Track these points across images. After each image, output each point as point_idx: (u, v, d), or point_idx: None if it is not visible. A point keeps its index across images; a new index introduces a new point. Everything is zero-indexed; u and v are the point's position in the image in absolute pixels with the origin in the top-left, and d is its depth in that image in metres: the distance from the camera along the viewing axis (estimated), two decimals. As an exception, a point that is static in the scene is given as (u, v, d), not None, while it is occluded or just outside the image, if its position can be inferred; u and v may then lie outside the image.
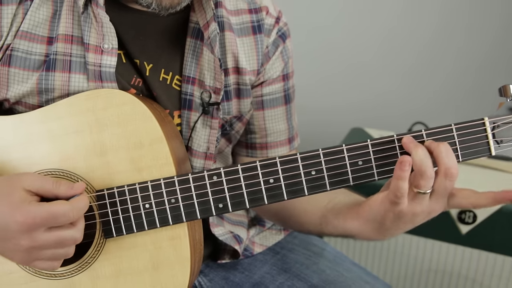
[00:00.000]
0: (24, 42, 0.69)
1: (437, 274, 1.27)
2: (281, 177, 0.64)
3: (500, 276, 1.19)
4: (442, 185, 0.59)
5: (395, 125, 1.62)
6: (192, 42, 0.75)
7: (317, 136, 1.62)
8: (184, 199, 0.65)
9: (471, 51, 1.65)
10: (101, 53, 0.69)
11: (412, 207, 0.60)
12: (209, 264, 0.86)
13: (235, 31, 0.78)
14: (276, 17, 0.81)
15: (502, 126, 0.65)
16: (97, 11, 0.67)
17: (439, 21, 1.65)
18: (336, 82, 1.80)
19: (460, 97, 1.70)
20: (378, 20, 1.70)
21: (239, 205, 0.65)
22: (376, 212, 0.64)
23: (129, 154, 0.66)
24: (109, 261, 0.67)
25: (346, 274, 0.84)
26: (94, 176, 0.66)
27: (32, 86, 0.69)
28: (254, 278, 0.84)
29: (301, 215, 0.78)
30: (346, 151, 0.64)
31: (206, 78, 0.75)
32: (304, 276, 0.83)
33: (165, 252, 0.66)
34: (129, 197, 0.65)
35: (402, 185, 0.58)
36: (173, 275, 0.66)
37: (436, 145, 0.59)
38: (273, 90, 0.82)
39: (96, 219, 0.66)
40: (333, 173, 0.64)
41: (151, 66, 0.73)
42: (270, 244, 0.90)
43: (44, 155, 0.67)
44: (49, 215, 0.58)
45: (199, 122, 0.76)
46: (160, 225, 0.65)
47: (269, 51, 0.80)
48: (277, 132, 0.84)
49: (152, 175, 0.66)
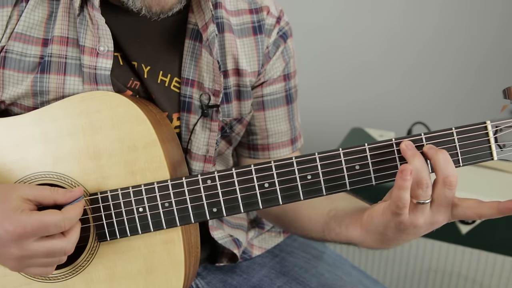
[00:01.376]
0: (18, 44, 0.68)
1: (437, 274, 1.26)
2: (276, 181, 0.63)
3: (500, 276, 1.19)
4: (441, 194, 0.57)
5: (395, 125, 1.61)
6: (190, 44, 0.74)
7: (317, 136, 1.63)
8: (178, 203, 0.64)
9: (471, 51, 1.64)
10: (97, 55, 0.68)
11: (413, 218, 0.58)
12: (207, 267, 0.86)
13: (236, 31, 0.76)
14: (277, 17, 0.80)
15: (505, 130, 0.63)
16: (93, 13, 0.67)
17: (439, 21, 1.65)
18: (336, 82, 1.79)
19: (460, 97, 1.69)
20: (378, 20, 1.70)
21: (234, 209, 0.64)
22: (377, 223, 0.62)
23: (123, 157, 0.65)
24: (103, 264, 0.66)
25: (346, 278, 0.83)
26: (88, 179, 0.66)
27: (27, 88, 0.69)
28: (252, 281, 0.83)
29: (304, 221, 0.77)
30: (343, 155, 0.62)
31: (205, 80, 0.74)
32: (303, 279, 0.82)
33: (159, 256, 0.66)
34: (123, 201, 0.65)
35: (404, 195, 0.56)
36: (167, 279, 0.66)
37: (434, 152, 0.57)
38: (274, 90, 0.81)
39: (90, 222, 0.66)
40: (330, 177, 0.62)
41: (149, 68, 0.73)
42: (269, 247, 0.89)
43: (38, 158, 0.66)
44: (40, 225, 0.58)
45: (199, 124, 0.75)
46: (154, 229, 0.65)
47: (270, 52, 0.79)
48: (279, 133, 0.82)
49: (146, 178, 0.65)
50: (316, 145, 0.65)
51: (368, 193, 0.73)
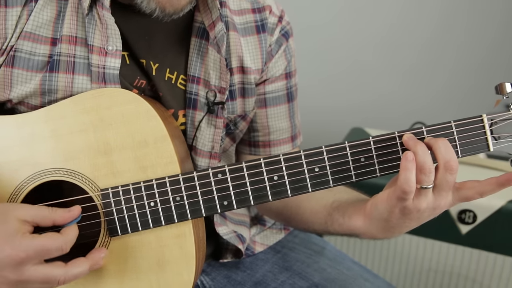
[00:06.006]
0: (27, 43, 0.69)
1: (437, 274, 1.27)
2: (285, 174, 0.65)
3: (500, 276, 1.19)
4: (443, 178, 0.60)
5: (395, 125, 1.61)
6: (197, 41, 0.75)
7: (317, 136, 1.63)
8: (189, 196, 0.65)
9: (471, 51, 1.65)
10: (105, 54, 0.69)
11: (417, 203, 0.61)
12: (211, 263, 0.86)
13: (239, 30, 0.78)
14: (279, 16, 0.82)
15: (499, 123, 0.66)
16: (102, 13, 0.68)
17: (439, 21, 1.66)
18: (336, 82, 1.80)
19: (460, 97, 1.70)
20: (378, 20, 1.71)
21: (244, 202, 0.65)
22: (382, 210, 0.64)
23: (134, 153, 0.66)
24: (114, 259, 0.67)
25: (347, 272, 0.84)
26: (99, 175, 0.66)
27: (36, 87, 0.69)
28: (256, 277, 0.84)
29: (306, 213, 0.79)
30: (349, 148, 0.65)
31: (212, 77, 0.75)
32: (306, 274, 0.83)
33: (171, 250, 0.67)
34: (134, 196, 0.66)
35: (409, 176, 0.58)
36: (179, 273, 0.66)
37: (434, 140, 0.60)
38: (276, 88, 0.83)
39: (101, 217, 0.66)
40: (336, 169, 0.65)
41: (157, 65, 0.74)
42: (271, 243, 0.90)
43: (48, 155, 0.67)
44: (42, 250, 0.57)
45: (204, 121, 0.76)
46: (165, 223, 0.66)
47: (272, 50, 0.81)
48: (280, 130, 0.84)
49: (157, 173, 0.66)
50: (316, 145, 0.67)
51: (366, 189, 0.76)
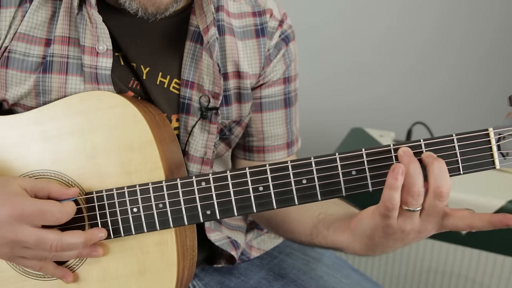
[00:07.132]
0: (21, 44, 0.69)
1: (437, 274, 1.26)
2: (271, 185, 0.62)
3: (500, 276, 1.18)
4: (432, 203, 0.56)
5: (395, 125, 1.60)
6: (191, 46, 0.74)
7: (317, 136, 1.63)
8: (171, 204, 0.64)
9: (471, 51, 1.63)
10: (97, 55, 0.69)
11: (402, 224, 0.57)
12: (204, 268, 0.85)
13: (238, 34, 0.76)
14: (280, 20, 0.80)
15: (508, 138, 0.61)
16: (91, 12, 0.67)
17: (439, 21, 1.64)
18: (336, 82, 1.79)
19: (460, 97, 1.68)
20: (378, 20, 1.69)
21: (227, 212, 0.63)
22: (365, 226, 0.61)
23: (119, 157, 0.66)
24: (97, 264, 0.67)
25: (345, 280, 0.82)
26: (85, 178, 0.66)
27: (30, 88, 0.70)
28: (250, 284, 0.82)
29: (293, 223, 0.76)
30: (339, 160, 0.61)
31: (205, 82, 0.74)
32: (301, 282, 0.81)
33: (152, 257, 0.66)
34: (117, 201, 0.65)
35: (393, 195, 0.55)
36: (159, 281, 0.66)
37: (431, 161, 0.56)
38: (273, 93, 0.80)
39: (85, 221, 0.66)
40: (325, 182, 0.61)
41: (148, 69, 0.73)
42: (267, 248, 0.89)
43: (37, 156, 0.67)
44: (38, 211, 0.59)
45: (197, 126, 0.75)
46: (148, 229, 0.65)
47: (271, 54, 0.78)
48: (275, 136, 0.82)
49: (141, 179, 0.65)
50: (316, 145, 0.64)
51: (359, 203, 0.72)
